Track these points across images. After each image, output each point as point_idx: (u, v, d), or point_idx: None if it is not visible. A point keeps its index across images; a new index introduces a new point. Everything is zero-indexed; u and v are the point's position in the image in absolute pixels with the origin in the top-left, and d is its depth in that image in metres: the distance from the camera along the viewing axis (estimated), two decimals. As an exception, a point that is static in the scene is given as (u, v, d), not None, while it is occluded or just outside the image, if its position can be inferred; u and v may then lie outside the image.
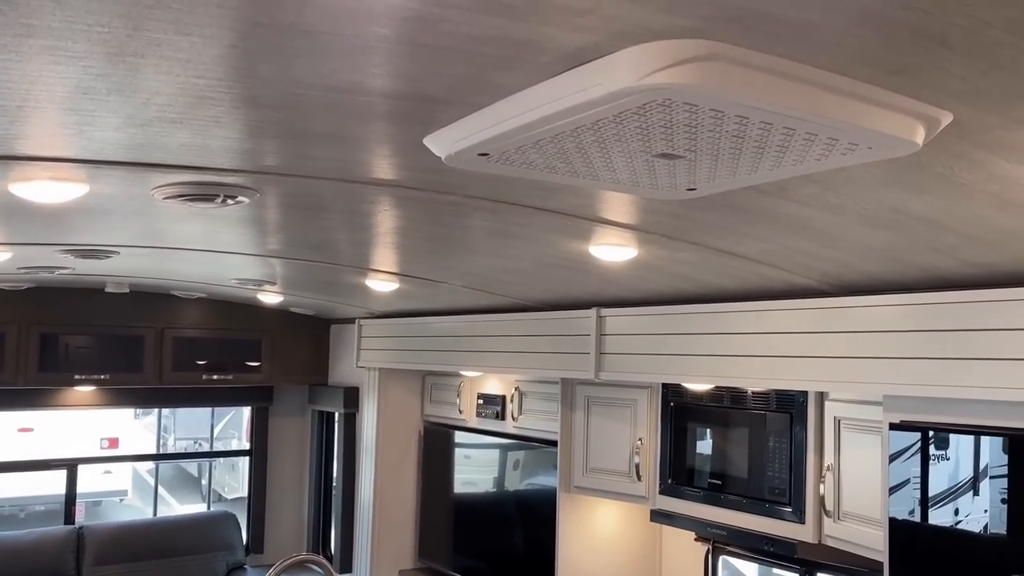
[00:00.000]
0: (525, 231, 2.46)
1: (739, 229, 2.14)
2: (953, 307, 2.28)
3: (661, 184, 1.65)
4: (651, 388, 3.62)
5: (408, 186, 1.99)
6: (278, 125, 1.42)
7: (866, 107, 1.21)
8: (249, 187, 1.92)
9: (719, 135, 1.29)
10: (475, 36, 1.02)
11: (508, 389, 4.49)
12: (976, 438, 2.29)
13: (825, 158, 1.41)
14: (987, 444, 2.28)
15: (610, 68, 1.09)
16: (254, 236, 2.91)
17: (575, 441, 3.95)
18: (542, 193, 1.99)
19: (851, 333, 2.53)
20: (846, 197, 1.79)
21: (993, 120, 1.30)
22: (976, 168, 1.53)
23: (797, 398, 3.01)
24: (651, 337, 3.20)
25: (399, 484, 5.26)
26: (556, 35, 1.03)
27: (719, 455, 3.33)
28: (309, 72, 1.15)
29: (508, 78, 1.19)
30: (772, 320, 2.76)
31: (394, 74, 1.16)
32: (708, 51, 1.04)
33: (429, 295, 4.09)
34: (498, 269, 3.20)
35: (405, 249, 3.01)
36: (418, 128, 1.45)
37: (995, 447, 2.26)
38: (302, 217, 2.49)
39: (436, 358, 4.51)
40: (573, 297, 3.52)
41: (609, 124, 1.26)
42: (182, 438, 12.62)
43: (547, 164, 1.51)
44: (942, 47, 1.03)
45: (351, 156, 1.69)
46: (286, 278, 4.17)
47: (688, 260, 2.57)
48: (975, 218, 1.84)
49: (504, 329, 3.98)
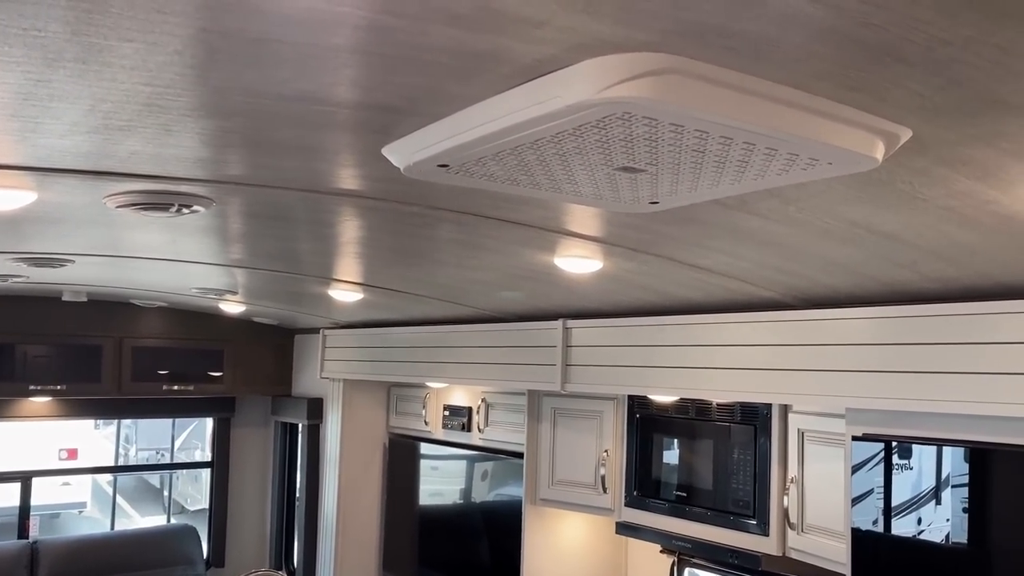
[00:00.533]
0: (491, 243, 2.44)
1: (703, 242, 2.14)
2: (914, 321, 2.30)
3: (624, 197, 1.63)
4: (617, 400, 3.61)
5: (370, 196, 1.96)
6: (232, 134, 1.39)
7: (825, 122, 1.20)
8: (205, 196, 1.87)
9: (679, 149, 1.28)
10: (430, 46, 1.00)
11: (474, 400, 4.46)
12: (938, 448, 2.31)
13: (786, 173, 1.40)
14: (948, 453, 2.29)
15: (568, 81, 1.08)
16: (214, 245, 2.86)
17: (541, 453, 3.92)
18: (507, 205, 1.97)
19: (814, 346, 2.53)
20: (807, 211, 1.79)
21: (951, 136, 1.30)
22: (936, 184, 1.54)
23: (761, 410, 3.01)
24: (617, 349, 3.20)
25: (363, 496, 5.19)
26: (513, 47, 1.01)
27: (685, 467, 3.32)
28: (260, 81, 1.12)
29: (466, 89, 1.17)
30: (737, 332, 2.76)
31: (349, 83, 1.14)
32: (666, 65, 1.03)
33: (394, 306, 4.05)
34: (464, 280, 3.17)
35: (369, 260, 2.98)
36: (376, 138, 1.43)
37: (956, 456, 2.27)
38: (262, 227, 2.45)
39: (401, 369, 4.46)
40: (540, 308, 3.50)
41: (569, 137, 1.24)
42: (144, 448, 12.39)
43: (508, 176, 1.49)
44: (900, 63, 1.03)
45: (310, 166, 1.66)
46: (248, 288, 4.11)
47: (653, 272, 2.56)
48: (935, 233, 1.85)
49: (470, 340, 3.95)
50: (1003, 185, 1.51)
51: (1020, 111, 1.18)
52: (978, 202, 1.62)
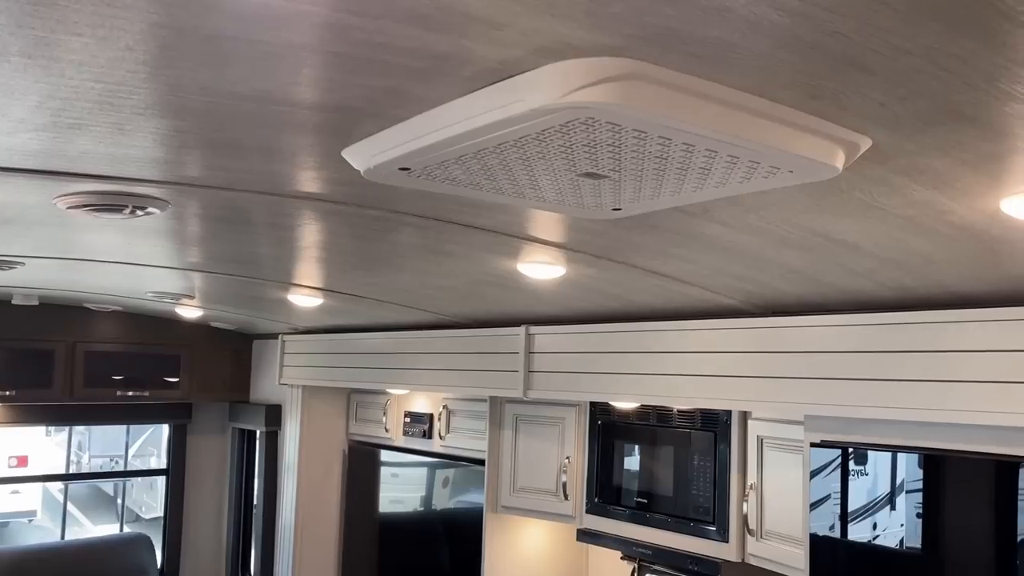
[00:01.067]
0: (454, 248, 2.42)
1: (664, 249, 2.14)
2: (871, 329, 2.33)
3: (587, 203, 1.63)
4: (579, 406, 3.61)
5: (330, 200, 1.93)
6: (186, 134, 1.35)
7: (787, 131, 1.21)
8: (159, 198, 1.83)
9: (642, 156, 1.27)
10: (390, 46, 0.98)
11: (436, 407, 4.42)
12: (893, 454, 2.34)
13: (747, 181, 1.41)
14: (903, 459, 2.32)
15: (531, 84, 1.07)
16: (170, 249, 2.80)
17: (503, 460, 3.90)
18: (470, 210, 1.96)
19: (773, 353, 2.55)
20: (768, 219, 1.80)
21: (910, 146, 1.31)
22: (894, 193, 1.55)
23: (721, 417, 3.03)
24: (579, 355, 3.19)
25: (322, 504, 5.13)
26: (475, 48, 0.99)
27: (646, 474, 3.33)
28: (215, 79, 1.09)
29: (428, 91, 1.15)
30: (698, 340, 2.77)
31: (307, 83, 1.11)
32: (630, 70, 1.02)
33: (355, 311, 4.00)
34: (427, 286, 3.14)
35: (329, 264, 2.94)
36: (336, 140, 1.40)
37: (911, 462, 2.31)
38: (220, 230, 2.40)
39: (362, 375, 4.41)
40: (502, 314, 3.49)
41: (532, 142, 1.23)
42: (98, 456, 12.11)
43: (471, 180, 1.47)
44: (862, 72, 1.03)
45: (268, 168, 1.63)
46: (205, 292, 4.03)
47: (615, 279, 2.56)
48: (893, 243, 1.88)
49: (432, 346, 3.92)
50: (959, 195, 1.54)
51: (975, 122, 1.19)
52: (935, 212, 1.64)
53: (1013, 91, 1.07)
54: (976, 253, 1.87)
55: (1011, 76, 1.03)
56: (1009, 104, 1.11)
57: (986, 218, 1.64)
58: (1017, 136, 1.23)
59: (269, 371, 5.54)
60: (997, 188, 1.48)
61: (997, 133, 1.23)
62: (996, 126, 1.20)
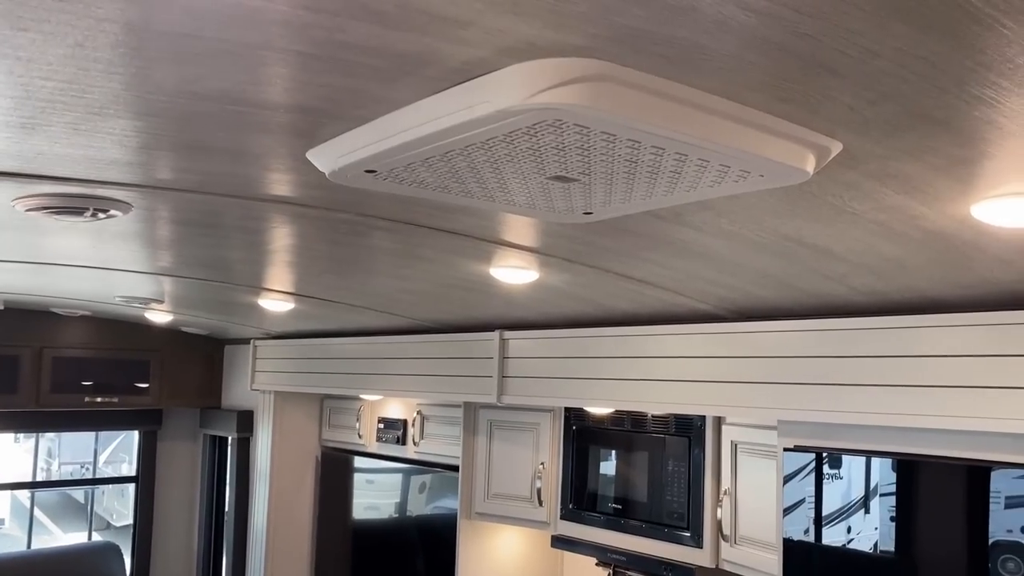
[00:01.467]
0: (426, 252, 2.39)
1: (637, 254, 2.13)
2: (844, 334, 2.33)
3: (557, 207, 1.61)
4: (554, 412, 3.59)
5: (298, 203, 1.90)
6: (146, 135, 1.31)
7: (757, 134, 1.19)
8: (122, 201, 1.78)
9: (612, 159, 1.26)
10: (351, 44, 0.95)
11: (410, 413, 4.39)
12: (867, 457, 2.34)
13: (718, 185, 1.39)
14: (877, 463, 2.32)
15: (497, 85, 1.04)
16: (137, 252, 2.75)
17: (477, 466, 3.87)
18: (441, 213, 1.93)
19: (747, 358, 2.55)
20: (740, 224, 1.79)
21: (881, 150, 1.30)
22: (866, 198, 1.55)
23: (695, 422, 3.02)
24: (554, 360, 3.17)
25: (295, 511, 5.06)
26: (439, 48, 0.97)
27: (621, 479, 3.31)
28: (172, 78, 1.06)
29: (392, 92, 1.13)
30: (671, 344, 2.76)
31: (267, 83, 1.08)
32: (597, 71, 1.00)
33: (327, 316, 3.96)
34: (399, 290, 3.11)
35: (300, 269, 2.90)
36: (301, 142, 1.37)
37: (884, 466, 2.31)
38: (187, 233, 2.35)
39: (335, 381, 4.36)
40: (476, 319, 3.46)
41: (500, 144, 1.20)
42: (68, 463, 11.91)
43: (439, 183, 1.44)
44: (831, 75, 1.02)
45: (233, 170, 1.59)
46: (175, 296, 3.97)
47: (589, 283, 2.54)
48: (864, 247, 1.87)
49: (406, 351, 3.89)
50: (930, 200, 1.53)
51: (945, 126, 1.18)
52: (906, 217, 1.64)
53: (982, 95, 1.06)
54: (948, 258, 1.87)
55: (980, 80, 1.02)
56: (979, 108, 1.11)
57: (957, 223, 1.64)
58: (987, 141, 1.23)
59: (241, 377, 5.47)
60: (968, 193, 1.48)
61: (967, 138, 1.22)
62: (966, 131, 1.19)
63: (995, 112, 1.12)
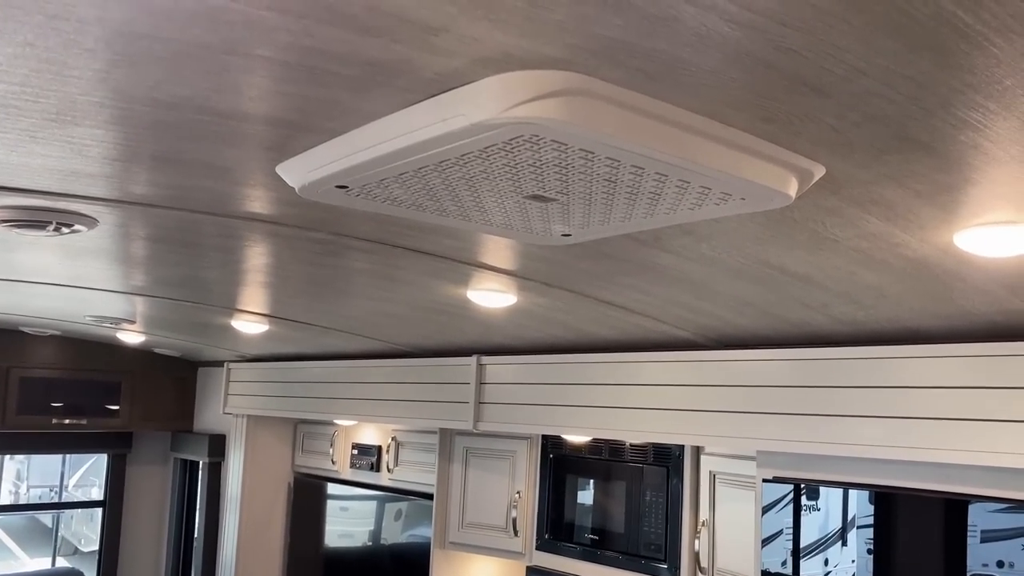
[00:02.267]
0: (402, 274, 2.34)
1: (616, 279, 2.09)
2: (824, 364, 2.30)
3: (535, 228, 1.57)
4: (531, 439, 3.53)
5: (270, 220, 1.85)
6: (105, 145, 1.26)
7: (739, 155, 1.16)
8: (86, 215, 1.73)
9: (591, 178, 1.22)
10: (319, 50, 0.91)
11: (384, 439, 4.31)
12: (845, 490, 2.31)
13: (698, 208, 1.36)
14: (855, 495, 2.29)
15: (472, 98, 1.01)
16: (105, 270, 2.68)
17: (452, 494, 3.80)
18: (417, 233, 1.89)
19: (726, 387, 2.51)
20: (720, 250, 1.76)
21: (864, 175, 1.28)
22: (848, 224, 1.52)
23: (674, 452, 2.98)
24: (532, 387, 3.12)
25: (265, 538, 4.95)
26: (411, 56, 0.93)
27: (598, 509, 3.25)
28: (130, 82, 1.01)
29: (364, 103, 1.09)
30: (651, 372, 2.72)
31: (231, 90, 1.04)
32: (575, 85, 0.97)
33: (302, 338, 3.89)
34: (375, 313, 3.06)
35: (274, 289, 2.84)
36: (270, 155, 1.33)
37: (862, 497, 2.28)
38: (157, 251, 2.29)
39: (309, 405, 4.28)
40: (453, 344, 3.41)
41: (475, 160, 1.17)
42: (37, 485, 11.64)
43: (413, 201, 1.40)
44: (816, 95, 0.99)
45: (200, 184, 1.54)
46: (147, 317, 3.89)
47: (567, 308, 2.50)
48: (845, 275, 1.85)
49: (381, 376, 3.82)
50: (912, 228, 1.51)
51: (929, 150, 1.16)
52: (888, 245, 1.61)
53: (969, 118, 1.04)
54: (929, 288, 1.85)
55: (966, 102, 1.00)
56: (964, 132, 1.08)
57: (939, 252, 1.62)
58: (972, 167, 1.21)
59: (214, 400, 5.37)
60: (950, 221, 1.46)
61: (952, 163, 1.20)
62: (951, 155, 1.17)
63: (981, 136, 1.10)
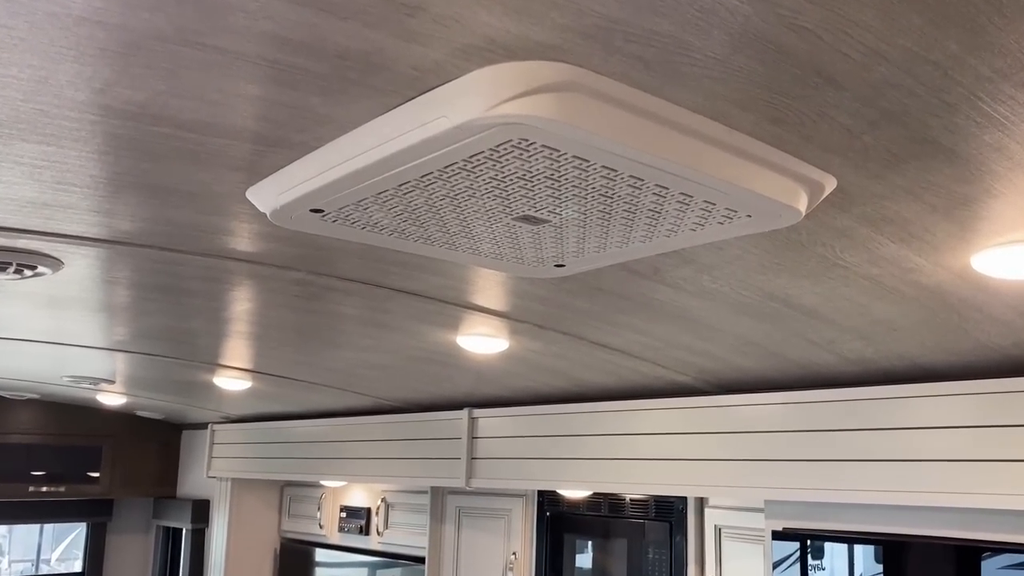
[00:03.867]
0: (389, 319, 2.24)
1: (612, 318, 1.99)
2: (832, 406, 2.19)
3: (527, 258, 1.47)
4: (526, 496, 3.38)
5: (245, 259, 1.75)
6: (60, 166, 1.16)
7: (745, 164, 1.07)
8: (48, 255, 1.62)
9: (585, 192, 1.13)
10: (282, 38, 0.82)
11: (374, 500, 4.14)
12: (850, 547, 2.20)
13: (701, 228, 1.27)
14: (860, 552, 2.19)
15: (454, 96, 0.92)
16: (79, 321, 2.56)
17: (444, 557, 3.62)
18: (401, 270, 1.79)
19: (730, 434, 2.39)
20: (722, 281, 1.66)
21: (878, 188, 1.19)
22: (858, 247, 1.43)
23: (676, 505, 2.83)
24: (526, 440, 2.99)
25: (250, 609, 4.72)
26: (385, 45, 0.84)
27: (598, 569, 3.09)
28: (73, 84, 0.91)
29: (337, 109, 1.00)
30: (649, 420, 2.60)
31: (188, 93, 0.94)
32: (566, 78, 0.88)
33: (287, 395, 3.75)
34: (362, 364, 2.93)
35: (257, 339, 2.72)
36: (239, 178, 1.23)
37: (868, 553, 2.17)
38: (129, 297, 2.18)
39: (295, 466, 4.12)
40: (444, 397, 3.28)
41: (461, 173, 1.07)
42: (19, 560, 11.24)
43: (396, 227, 1.31)
44: (830, 86, 0.91)
45: (165, 215, 1.44)
46: (127, 375, 3.75)
47: (562, 353, 2.39)
48: (854, 308, 1.75)
49: (369, 433, 3.68)
50: (927, 250, 1.42)
51: (950, 156, 1.08)
52: (900, 270, 1.52)
53: (995, 113, 0.96)
54: (942, 319, 1.75)
55: (994, 93, 0.91)
56: (989, 131, 1.00)
57: (955, 277, 1.53)
58: (994, 175, 1.12)
59: (198, 464, 5.19)
60: (968, 241, 1.37)
61: (973, 170, 1.11)
62: (973, 161, 1.08)
63: (1007, 137, 1.01)
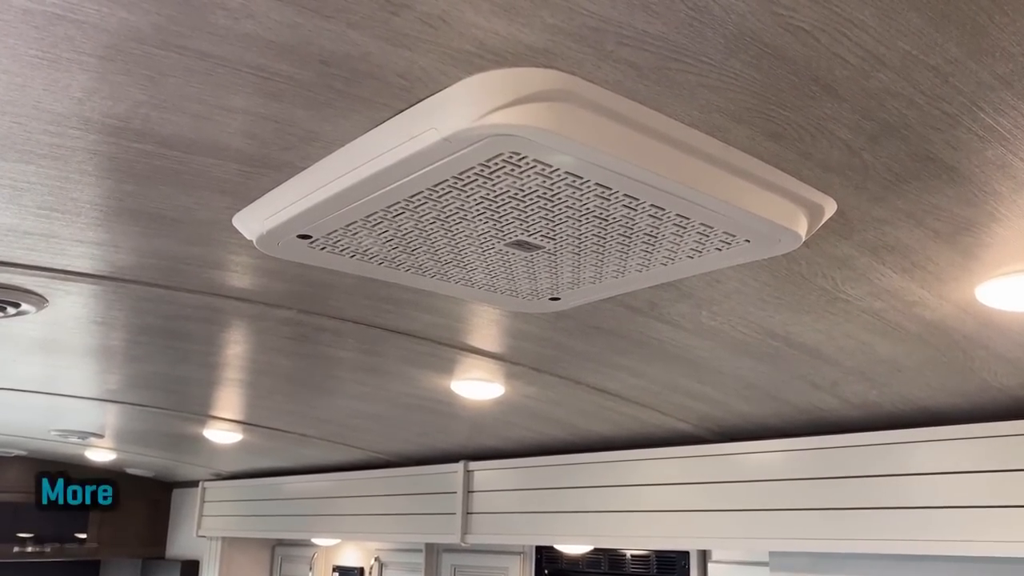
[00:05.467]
0: (382, 362, 2.19)
1: (610, 359, 1.94)
2: (836, 452, 2.14)
3: (521, 290, 1.44)
4: (524, 553, 3.28)
5: (234, 296, 1.71)
6: (38, 188, 1.13)
7: (743, 184, 1.05)
8: (32, 291, 1.59)
9: (580, 214, 1.10)
10: (264, 40, 0.80)
11: (367, 560, 4.02)
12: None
13: (699, 255, 1.24)
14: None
15: (443, 106, 0.90)
16: (67, 368, 2.51)
17: (439, 618, 3.50)
18: (393, 308, 1.75)
19: (732, 483, 2.32)
20: (721, 316, 1.63)
21: (879, 211, 1.16)
22: (860, 279, 1.40)
23: (679, 561, 2.74)
24: (522, 493, 2.91)
25: (237, 676, 4.55)
26: (369, 47, 0.82)
27: (597, 629, 2.97)
28: (50, 95, 0.89)
29: (324, 124, 0.97)
30: (649, 471, 2.53)
31: (171, 105, 0.92)
32: (558, 86, 0.86)
33: (279, 449, 3.67)
34: (354, 415, 2.87)
35: (245, 387, 2.66)
36: (225, 202, 1.20)
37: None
38: (117, 341, 2.14)
39: (287, 524, 4.01)
40: (438, 449, 3.20)
41: (451, 193, 1.05)
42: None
43: (386, 255, 1.28)
44: (828, 95, 0.88)
45: (151, 245, 1.41)
46: (116, 428, 3.68)
47: (558, 399, 2.34)
48: (856, 346, 1.71)
49: (362, 489, 3.59)
50: (930, 281, 1.39)
51: (952, 174, 1.05)
52: (903, 303, 1.49)
53: (996, 125, 0.93)
54: (948, 358, 1.71)
55: (995, 102, 0.89)
56: (991, 146, 0.98)
57: (960, 311, 1.49)
58: (997, 195, 1.10)
59: (188, 523, 5.06)
60: (972, 270, 1.34)
61: (975, 191, 1.09)
62: (975, 180, 1.06)
63: (1010, 153, 0.99)
